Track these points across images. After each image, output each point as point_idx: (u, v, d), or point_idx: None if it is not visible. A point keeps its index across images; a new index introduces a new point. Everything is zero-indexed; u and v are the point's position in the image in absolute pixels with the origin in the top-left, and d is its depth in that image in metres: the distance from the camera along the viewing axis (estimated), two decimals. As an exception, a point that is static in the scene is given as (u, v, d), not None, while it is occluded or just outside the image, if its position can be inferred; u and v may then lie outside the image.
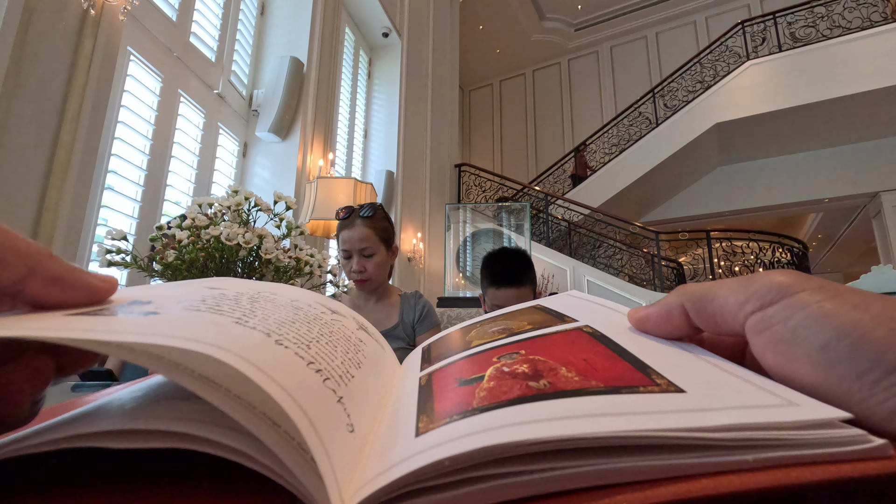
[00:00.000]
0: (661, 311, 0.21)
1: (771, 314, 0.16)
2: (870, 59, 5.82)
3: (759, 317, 0.17)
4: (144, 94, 2.13)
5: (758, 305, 0.17)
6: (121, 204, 1.98)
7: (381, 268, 1.35)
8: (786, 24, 6.57)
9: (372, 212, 1.34)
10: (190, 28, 2.47)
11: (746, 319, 0.17)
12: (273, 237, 0.66)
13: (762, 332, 0.17)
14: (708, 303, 0.19)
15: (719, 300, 0.18)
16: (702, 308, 0.19)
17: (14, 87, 1.46)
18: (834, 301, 0.15)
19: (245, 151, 2.96)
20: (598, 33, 9.96)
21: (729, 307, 0.18)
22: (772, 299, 0.17)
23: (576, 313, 0.26)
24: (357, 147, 4.41)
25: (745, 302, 0.17)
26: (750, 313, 0.17)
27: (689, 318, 0.20)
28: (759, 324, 0.17)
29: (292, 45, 3.08)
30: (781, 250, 6.09)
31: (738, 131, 6.81)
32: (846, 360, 0.14)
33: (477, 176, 7.22)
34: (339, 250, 1.35)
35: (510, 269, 1.29)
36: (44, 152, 1.55)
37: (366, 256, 1.32)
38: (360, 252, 1.32)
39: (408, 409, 0.19)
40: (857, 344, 0.14)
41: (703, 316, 0.19)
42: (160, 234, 0.60)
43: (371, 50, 4.80)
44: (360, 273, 1.32)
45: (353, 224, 1.32)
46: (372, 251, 1.32)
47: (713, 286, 0.19)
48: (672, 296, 0.21)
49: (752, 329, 0.17)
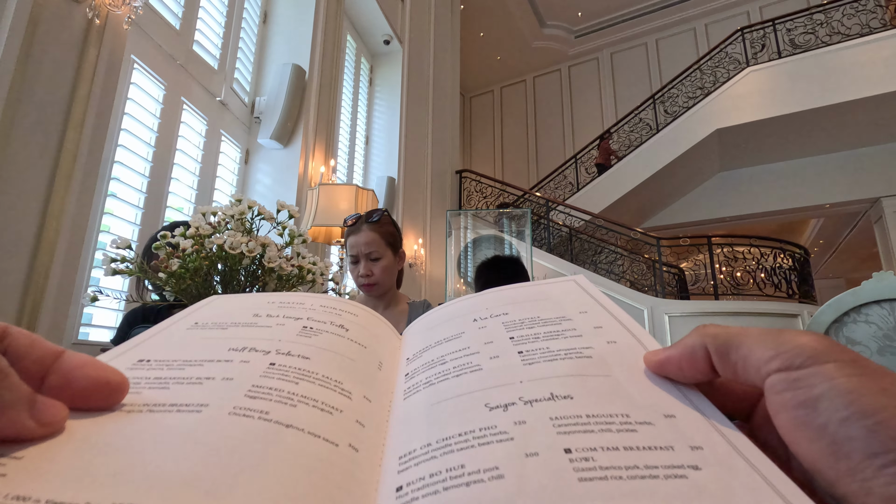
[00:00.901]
0: (685, 353, 0.20)
1: (796, 377, 0.16)
2: (869, 65, 5.84)
3: (784, 377, 0.17)
4: (147, 102, 2.15)
5: (784, 365, 0.17)
6: (123, 211, 1.99)
7: (387, 272, 1.35)
8: (785, 31, 6.60)
9: (378, 217, 1.36)
10: (193, 36, 2.49)
11: (769, 376, 0.17)
12: (276, 245, 0.66)
13: (782, 392, 0.17)
14: (733, 349, 0.18)
15: (744, 350, 0.18)
16: (725, 354, 0.19)
17: (19, 96, 1.47)
18: (862, 379, 0.15)
19: (247, 158, 2.97)
20: (599, 40, 10.01)
21: (753, 360, 0.18)
22: (801, 363, 0.16)
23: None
24: (358, 154, 4.43)
25: (772, 358, 0.17)
26: (774, 371, 0.17)
27: (712, 362, 0.19)
28: (781, 383, 0.17)
29: (294, 53, 3.10)
30: (783, 256, 6.08)
31: (739, 137, 6.83)
32: (861, 438, 0.14)
33: (478, 182, 7.24)
34: (347, 256, 1.36)
35: (503, 276, 1.31)
36: (48, 160, 1.56)
37: (372, 260, 1.33)
38: (366, 256, 1.33)
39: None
40: (877, 427, 0.14)
41: (724, 362, 0.19)
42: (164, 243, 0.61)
43: (372, 57, 4.83)
44: (367, 277, 1.33)
45: (359, 229, 1.34)
46: (378, 255, 1.33)
47: (739, 333, 0.19)
48: (694, 337, 0.20)
49: (773, 387, 0.17)
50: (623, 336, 0.25)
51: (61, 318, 1.58)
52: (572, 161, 8.22)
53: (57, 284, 1.55)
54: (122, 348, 0.24)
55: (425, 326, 0.31)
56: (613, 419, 0.18)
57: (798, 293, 5.86)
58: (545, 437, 0.17)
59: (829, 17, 6.35)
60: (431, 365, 0.25)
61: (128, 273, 0.62)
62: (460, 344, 0.26)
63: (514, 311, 0.29)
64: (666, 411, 0.19)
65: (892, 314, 1.20)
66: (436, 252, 5.43)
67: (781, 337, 0.18)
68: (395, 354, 0.30)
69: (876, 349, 1.22)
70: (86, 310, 1.78)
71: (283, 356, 0.23)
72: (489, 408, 0.19)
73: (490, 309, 0.30)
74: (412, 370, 0.26)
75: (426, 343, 0.28)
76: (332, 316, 0.29)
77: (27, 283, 1.47)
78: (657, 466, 0.15)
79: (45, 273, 1.50)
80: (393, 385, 0.26)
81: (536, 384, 0.21)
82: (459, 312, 0.31)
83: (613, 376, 0.21)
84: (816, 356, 0.16)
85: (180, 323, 0.28)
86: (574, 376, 0.21)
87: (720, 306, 5.53)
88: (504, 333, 0.26)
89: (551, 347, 0.24)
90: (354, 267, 1.35)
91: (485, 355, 0.24)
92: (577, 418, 0.18)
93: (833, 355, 0.16)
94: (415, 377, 0.25)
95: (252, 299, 0.32)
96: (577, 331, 0.25)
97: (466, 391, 0.21)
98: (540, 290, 0.32)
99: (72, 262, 1.62)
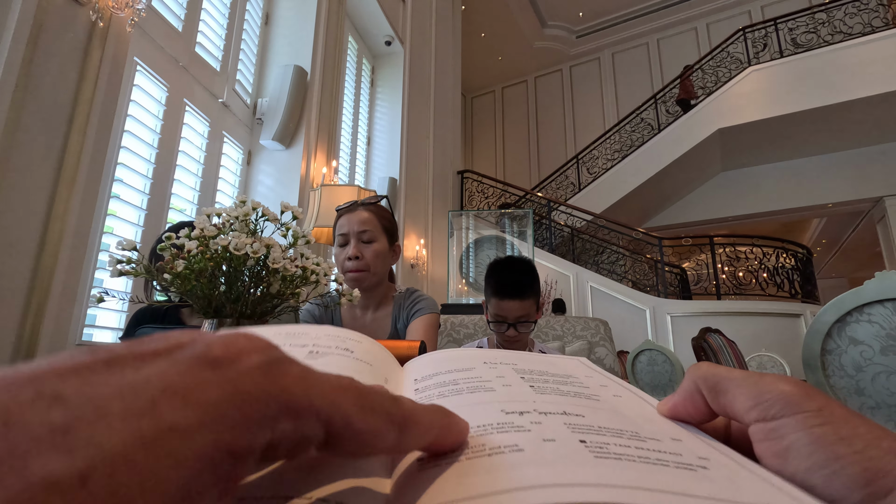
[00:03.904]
0: (685, 397, 0.21)
1: (772, 427, 0.18)
2: (871, 64, 5.83)
3: (761, 427, 0.18)
4: (150, 104, 2.15)
5: (761, 416, 0.18)
6: (126, 212, 1.99)
7: (380, 259, 1.15)
8: (787, 30, 6.59)
9: (375, 200, 1.22)
10: (195, 38, 2.50)
11: (751, 425, 0.19)
12: (280, 246, 0.67)
13: (761, 441, 0.18)
14: (720, 395, 0.20)
15: (729, 396, 0.19)
16: (713, 398, 0.20)
17: (24, 98, 1.48)
18: (824, 429, 0.17)
19: (249, 159, 2.98)
20: (600, 40, 10.01)
21: (737, 407, 0.19)
22: (775, 413, 0.18)
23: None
24: (360, 154, 4.44)
25: (751, 408, 0.18)
26: (755, 420, 0.18)
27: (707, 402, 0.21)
28: (759, 433, 0.18)
29: (296, 54, 3.11)
30: (785, 256, 6.07)
31: (741, 137, 6.82)
32: (820, 486, 0.16)
33: (479, 182, 7.24)
34: (336, 237, 1.17)
35: (516, 281, 1.25)
36: (52, 162, 1.57)
37: (364, 242, 1.14)
38: (357, 236, 1.13)
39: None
40: (831, 476, 0.16)
41: (716, 404, 0.20)
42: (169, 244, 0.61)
43: (374, 58, 4.84)
44: (357, 260, 1.11)
45: (353, 210, 1.17)
46: (372, 237, 1.14)
47: (725, 378, 0.20)
48: (688, 381, 0.21)
49: (755, 435, 0.18)
50: (627, 393, 0.26)
51: (65, 320, 1.59)
52: (574, 161, 8.22)
53: (61, 286, 1.56)
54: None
55: (430, 359, 0.32)
56: (624, 431, 0.19)
57: (801, 293, 5.86)
58: (561, 431, 0.18)
59: (830, 16, 6.34)
60: (443, 385, 0.26)
61: (133, 274, 0.62)
62: (472, 374, 0.27)
63: (522, 363, 0.30)
64: (673, 436, 0.20)
65: (894, 314, 1.20)
66: (438, 252, 5.44)
67: (761, 385, 0.19)
68: (399, 375, 0.30)
69: (879, 349, 1.22)
70: (90, 311, 1.79)
71: None
72: (505, 412, 0.20)
73: (499, 358, 0.31)
74: (422, 387, 0.26)
75: (436, 370, 0.29)
76: (336, 342, 0.30)
77: (31, 284, 1.48)
78: (667, 460, 0.16)
79: (49, 274, 1.51)
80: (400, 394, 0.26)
81: (549, 404, 0.22)
82: (468, 355, 0.32)
83: (621, 412, 0.22)
84: (790, 405, 0.18)
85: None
86: (585, 406, 0.22)
87: (722, 306, 5.52)
88: (515, 374, 0.27)
89: (561, 389, 0.25)
90: (341, 250, 1.14)
91: (497, 383, 0.25)
92: (589, 426, 0.19)
93: (803, 405, 0.17)
94: (426, 392, 0.25)
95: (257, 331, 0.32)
96: (584, 384, 0.27)
97: (481, 402, 0.22)
98: (546, 359, 0.33)
99: (76, 263, 1.63)
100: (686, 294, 6.18)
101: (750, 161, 7.49)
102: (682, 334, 5.34)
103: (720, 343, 2.93)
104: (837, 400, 0.18)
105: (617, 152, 7.72)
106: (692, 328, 4.79)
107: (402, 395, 0.16)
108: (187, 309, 1.27)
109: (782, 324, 5.30)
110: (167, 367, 0.11)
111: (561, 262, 6.18)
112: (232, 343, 0.13)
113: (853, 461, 0.16)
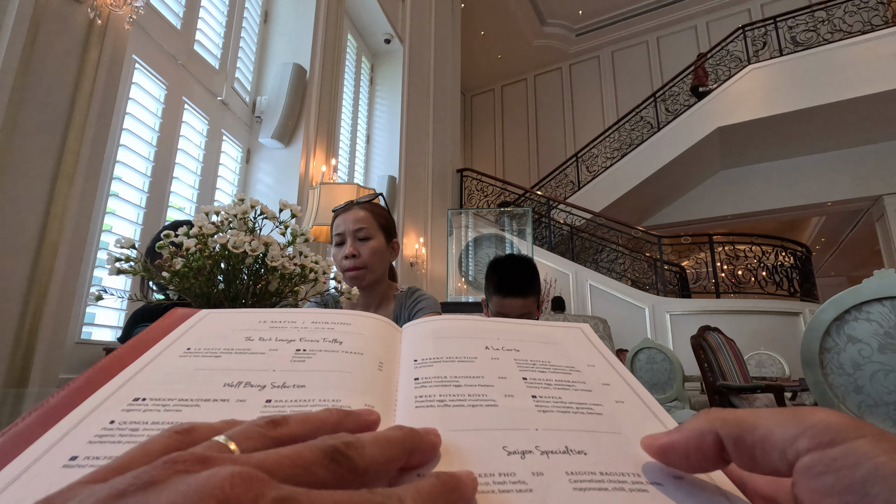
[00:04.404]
0: (691, 439, 0.18)
1: (834, 456, 0.15)
2: (871, 62, 5.83)
3: (818, 457, 0.15)
4: (149, 102, 2.15)
5: (815, 444, 0.15)
6: (125, 210, 1.99)
7: (377, 256, 1.14)
8: (787, 29, 6.59)
9: (370, 198, 1.20)
10: (194, 36, 2.50)
11: (798, 458, 0.15)
12: (279, 244, 0.67)
13: (820, 475, 0.15)
14: (748, 432, 0.17)
15: (761, 431, 0.17)
16: (740, 438, 0.17)
17: (22, 96, 1.48)
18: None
19: (248, 158, 2.97)
20: (600, 38, 9.99)
21: (775, 441, 0.16)
22: (831, 440, 0.15)
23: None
24: (359, 153, 4.44)
25: (797, 437, 0.16)
26: (804, 452, 0.15)
27: (722, 450, 0.18)
28: (817, 465, 0.15)
29: (295, 52, 3.11)
30: (784, 254, 6.08)
31: (740, 135, 6.82)
32: None
33: (479, 181, 7.24)
34: (333, 238, 1.17)
35: (517, 279, 1.25)
36: (50, 159, 1.56)
37: (360, 240, 1.13)
38: (353, 234, 1.12)
39: None
40: None
41: (740, 447, 0.17)
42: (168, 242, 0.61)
43: (373, 56, 4.83)
44: (354, 258, 1.10)
45: (348, 209, 1.16)
46: (368, 234, 1.13)
47: (750, 414, 0.17)
48: (701, 421, 0.18)
49: (807, 470, 0.15)
50: (630, 396, 0.26)
51: (64, 318, 1.59)
52: (573, 159, 8.21)
53: (60, 284, 1.56)
54: (116, 382, 0.24)
55: (433, 334, 0.31)
56: (626, 478, 0.19)
57: (799, 291, 5.86)
58: (562, 493, 0.18)
59: (830, 14, 6.33)
60: (445, 383, 0.25)
61: (132, 272, 0.62)
62: (474, 370, 0.27)
63: (525, 350, 0.30)
64: (675, 473, 0.19)
65: (893, 312, 1.20)
66: (437, 251, 5.44)
67: (800, 414, 0.16)
68: (395, 348, 0.30)
69: (877, 347, 1.22)
70: (89, 309, 1.79)
71: (279, 389, 0.24)
72: (507, 452, 0.20)
73: (501, 340, 0.31)
74: (423, 377, 0.26)
75: (437, 353, 0.28)
76: (324, 332, 0.30)
77: (30, 282, 1.48)
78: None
79: (48, 272, 1.51)
80: (395, 382, 0.27)
81: (552, 434, 0.21)
82: (470, 333, 0.31)
83: (624, 434, 0.22)
84: (844, 432, 0.15)
85: (173, 347, 0.28)
86: (587, 432, 0.22)
87: (721, 304, 5.53)
88: (517, 371, 0.27)
89: (563, 398, 0.25)
90: (339, 250, 1.13)
91: (499, 391, 0.25)
92: (591, 475, 0.19)
93: (860, 430, 0.15)
94: (427, 388, 0.25)
95: (244, 318, 0.32)
96: (587, 384, 0.27)
97: (484, 427, 0.22)
98: (548, 332, 0.33)
99: (74, 261, 1.63)
100: (685, 292, 6.18)
101: (749, 159, 7.49)
102: (681, 332, 5.34)
103: (719, 341, 2.94)
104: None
105: (616, 151, 7.72)
106: (691, 326, 4.80)
107: (406, 495, 0.15)
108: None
109: (781, 322, 5.31)
110: None
111: (560, 261, 6.18)
112: (226, 495, 0.13)
113: None
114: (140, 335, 0.28)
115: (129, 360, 0.26)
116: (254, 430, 0.17)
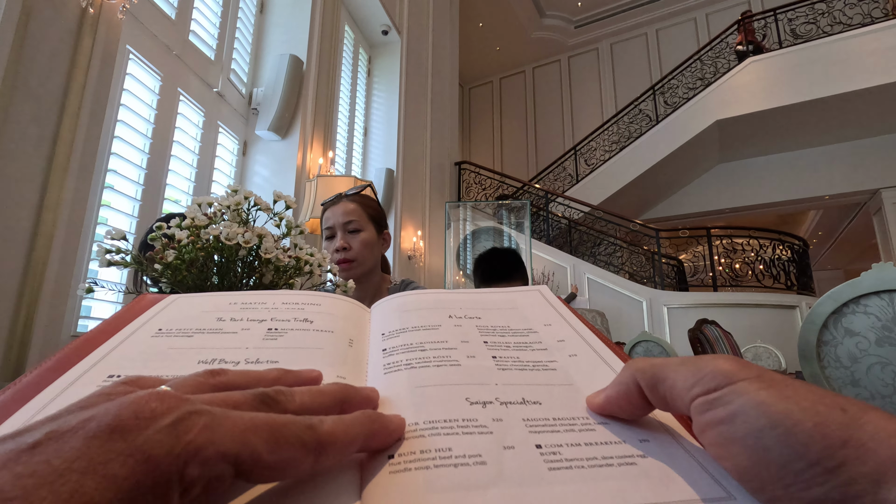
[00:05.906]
0: (620, 391, 0.22)
1: (714, 398, 0.18)
2: (871, 55, 5.81)
3: (704, 399, 0.19)
4: (144, 93, 2.13)
5: (703, 390, 0.19)
6: (121, 203, 1.98)
7: (368, 248, 1.13)
8: (786, 21, 6.55)
9: (358, 190, 1.19)
10: (189, 26, 2.47)
11: (693, 401, 0.19)
12: (273, 236, 0.66)
13: (704, 412, 0.19)
14: (659, 382, 0.20)
15: (669, 381, 0.20)
16: (653, 387, 0.20)
17: (13, 86, 1.45)
18: (769, 391, 0.17)
19: (245, 150, 2.95)
20: (599, 30, 9.93)
21: (678, 389, 0.20)
22: (716, 385, 0.18)
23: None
24: (357, 145, 4.41)
25: (693, 385, 0.19)
26: (696, 396, 0.19)
27: (646, 396, 0.21)
28: (702, 405, 0.19)
29: (292, 43, 3.07)
30: (782, 247, 6.09)
31: (739, 128, 6.80)
32: (775, 447, 0.16)
33: (477, 174, 7.22)
34: (322, 232, 1.16)
35: (499, 267, 1.33)
36: (44, 151, 1.54)
37: (350, 232, 1.12)
38: (343, 227, 1.12)
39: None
40: (786, 434, 0.16)
41: (655, 394, 0.21)
42: (160, 234, 0.60)
43: (371, 48, 4.79)
44: (344, 251, 1.10)
45: (337, 202, 1.16)
46: (357, 227, 1.13)
47: (663, 367, 0.20)
48: (626, 374, 0.22)
49: (697, 409, 0.19)
50: (583, 349, 0.28)
51: (59, 311, 1.58)
52: (572, 152, 8.19)
53: (54, 277, 1.55)
54: (89, 361, 0.24)
55: (399, 308, 0.32)
56: (576, 421, 0.21)
57: (797, 284, 5.88)
58: (519, 433, 0.20)
59: (830, 6, 6.30)
60: (411, 349, 0.27)
61: (123, 265, 0.61)
62: (438, 336, 0.28)
63: (486, 317, 0.31)
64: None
65: (891, 305, 1.20)
66: (435, 244, 5.43)
67: (699, 364, 0.19)
68: (364, 328, 0.31)
69: (874, 340, 1.22)
70: (84, 302, 1.78)
71: (253, 365, 0.24)
72: (469, 402, 0.22)
73: (464, 309, 0.32)
74: (390, 347, 0.27)
75: (403, 325, 0.29)
76: (294, 312, 0.30)
77: (24, 275, 1.47)
78: (612, 457, 0.19)
79: (42, 265, 1.50)
80: (366, 356, 0.27)
81: (510, 388, 0.23)
82: (434, 305, 0.32)
83: (575, 385, 0.24)
84: (730, 376, 0.18)
85: (145, 328, 0.28)
86: (542, 385, 0.24)
87: (719, 298, 5.54)
88: (478, 336, 0.28)
89: (521, 358, 0.27)
90: (329, 244, 1.13)
91: (462, 353, 0.26)
92: (545, 420, 0.21)
93: (741, 374, 0.18)
94: (394, 355, 0.26)
95: (214, 300, 0.32)
96: (543, 343, 0.28)
97: (448, 382, 0.24)
98: (509, 297, 0.35)
99: (69, 254, 1.61)
100: (683, 286, 6.20)
101: (748, 153, 7.48)
102: (679, 326, 5.36)
103: (716, 334, 2.94)
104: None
105: (615, 144, 7.70)
106: (689, 320, 4.81)
107: (325, 417, 0.18)
108: None
109: (778, 315, 5.33)
110: (82, 445, 0.13)
111: (558, 254, 6.17)
112: (142, 408, 0.14)
113: (803, 417, 0.16)
114: (109, 319, 0.28)
115: (100, 341, 0.26)
116: (193, 378, 0.18)
